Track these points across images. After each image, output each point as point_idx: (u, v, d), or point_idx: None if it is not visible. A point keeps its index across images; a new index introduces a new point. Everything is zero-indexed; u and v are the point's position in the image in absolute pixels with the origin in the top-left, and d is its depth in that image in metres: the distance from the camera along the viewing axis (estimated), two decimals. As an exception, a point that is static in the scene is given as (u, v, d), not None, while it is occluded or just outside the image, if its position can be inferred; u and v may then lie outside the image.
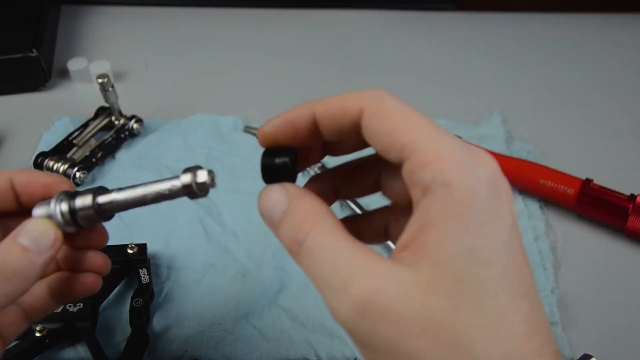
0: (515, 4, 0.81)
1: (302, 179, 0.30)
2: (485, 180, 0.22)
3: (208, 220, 0.51)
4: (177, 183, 0.27)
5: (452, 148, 0.22)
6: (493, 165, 0.23)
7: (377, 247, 0.48)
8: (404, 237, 0.23)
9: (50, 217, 0.29)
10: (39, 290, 0.32)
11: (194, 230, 0.50)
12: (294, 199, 0.25)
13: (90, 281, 0.32)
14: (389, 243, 0.52)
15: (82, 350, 0.41)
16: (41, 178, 0.30)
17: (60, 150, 0.54)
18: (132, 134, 0.58)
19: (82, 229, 0.30)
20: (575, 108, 0.66)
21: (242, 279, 0.46)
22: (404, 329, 0.21)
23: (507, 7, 0.81)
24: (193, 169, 0.27)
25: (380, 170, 0.29)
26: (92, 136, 0.56)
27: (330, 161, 0.50)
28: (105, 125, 0.57)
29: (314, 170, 0.53)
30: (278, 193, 0.25)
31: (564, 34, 0.77)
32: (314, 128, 0.26)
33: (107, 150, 0.56)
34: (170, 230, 0.50)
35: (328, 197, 0.30)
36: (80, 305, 0.41)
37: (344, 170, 0.30)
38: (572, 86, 0.69)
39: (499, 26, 0.79)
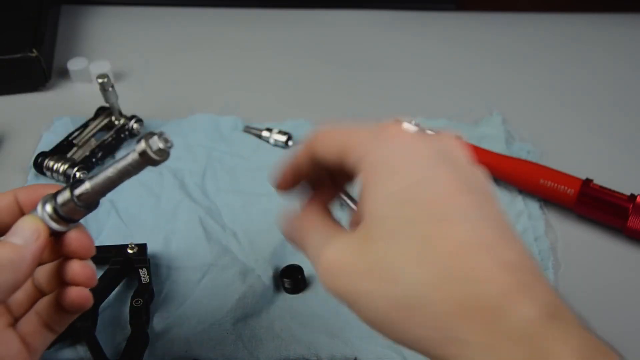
0: (515, 4, 0.81)
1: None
2: (389, 140, 0.27)
3: (208, 220, 0.51)
4: (134, 154, 0.28)
5: (364, 133, 0.28)
6: (395, 129, 0.27)
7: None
8: (355, 214, 0.29)
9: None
10: (51, 300, 0.33)
11: (194, 230, 0.50)
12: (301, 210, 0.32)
13: (74, 295, 0.32)
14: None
15: (82, 350, 0.41)
16: (40, 189, 0.32)
17: (60, 150, 0.54)
18: (132, 134, 0.58)
19: (72, 228, 0.31)
20: (575, 108, 0.66)
21: (242, 279, 0.46)
22: (355, 277, 0.25)
23: (507, 7, 0.81)
24: (146, 136, 0.28)
25: None
26: (92, 136, 0.56)
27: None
28: (105, 125, 0.57)
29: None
30: (292, 219, 0.32)
31: (564, 34, 0.77)
32: (315, 164, 0.31)
33: (107, 150, 0.56)
34: (170, 230, 0.50)
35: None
36: (80, 305, 0.41)
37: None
38: (572, 86, 0.69)
39: (499, 26, 0.78)
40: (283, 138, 0.57)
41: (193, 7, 0.80)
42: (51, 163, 0.52)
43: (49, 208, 0.30)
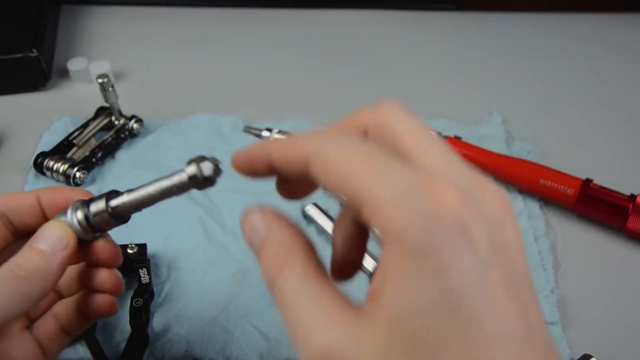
0: (515, 4, 0.81)
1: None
2: (443, 220, 0.20)
3: (208, 220, 0.51)
4: (183, 176, 0.27)
5: (399, 190, 0.20)
6: (454, 198, 0.20)
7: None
8: (372, 284, 0.21)
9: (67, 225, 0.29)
10: (70, 304, 0.33)
11: (194, 230, 0.50)
12: (270, 228, 0.24)
13: (101, 302, 0.32)
14: None
15: (82, 350, 0.41)
16: (65, 192, 0.32)
17: (60, 150, 0.54)
18: (132, 134, 0.58)
19: (99, 237, 0.30)
20: (575, 108, 0.66)
21: (242, 279, 0.46)
22: None
23: (507, 7, 0.81)
24: (197, 160, 0.27)
25: None
26: (92, 136, 0.56)
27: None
28: (105, 125, 0.57)
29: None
30: (257, 219, 0.25)
31: (564, 34, 0.77)
32: (272, 169, 0.26)
33: (107, 150, 0.56)
34: (170, 230, 0.50)
35: (357, 239, 0.28)
36: (80, 305, 0.41)
37: None
38: (572, 86, 0.69)
39: (499, 26, 0.79)
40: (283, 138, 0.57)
41: (193, 7, 0.80)
42: (51, 163, 0.52)
43: (80, 215, 0.29)
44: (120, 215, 0.29)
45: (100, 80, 0.54)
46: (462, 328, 0.19)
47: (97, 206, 0.29)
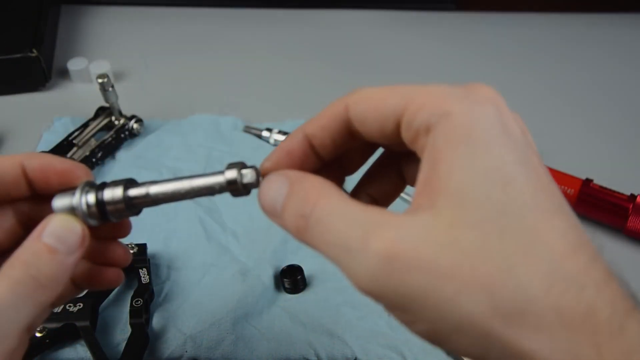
0: (515, 4, 0.81)
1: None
2: (483, 102, 0.21)
3: (208, 220, 0.51)
4: (220, 178, 0.26)
5: (440, 87, 0.22)
6: (488, 89, 0.23)
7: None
8: (418, 186, 0.22)
9: (73, 209, 0.27)
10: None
11: (194, 230, 0.50)
12: (295, 182, 0.24)
13: (113, 275, 0.31)
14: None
15: (82, 350, 0.41)
16: (58, 165, 0.28)
17: (60, 150, 0.54)
18: (132, 134, 0.58)
19: (106, 222, 0.28)
20: (575, 108, 0.66)
21: (242, 279, 0.46)
22: (436, 275, 0.19)
23: (507, 7, 0.81)
24: (238, 165, 0.26)
25: (398, 163, 0.28)
26: (92, 136, 0.56)
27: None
28: (105, 125, 0.57)
29: None
30: (278, 181, 0.24)
31: (564, 34, 0.77)
32: (310, 151, 0.26)
33: (107, 150, 0.56)
34: (170, 230, 0.50)
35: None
36: (80, 305, 0.41)
37: (370, 178, 0.29)
38: (572, 86, 0.69)
39: (499, 26, 0.79)
40: (283, 138, 0.57)
41: (193, 7, 0.80)
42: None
43: (91, 200, 0.26)
44: (135, 207, 0.27)
45: (100, 80, 0.54)
46: (520, 198, 0.20)
47: (113, 194, 0.27)
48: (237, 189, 0.26)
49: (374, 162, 0.29)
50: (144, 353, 0.41)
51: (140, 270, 0.44)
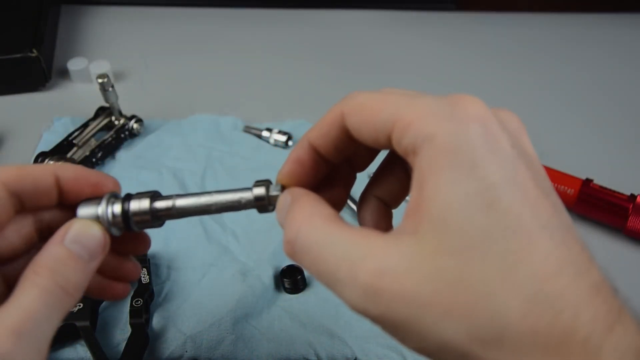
0: (515, 4, 0.81)
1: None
2: (468, 121, 0.21)
3: (208, 220, 0.51)
4: (248, 194, 0.27)
5: (426, 104, 0.22)
6: (475, 105, 0.22)
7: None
8: (408, 207, 0.22)
9: (97, 218, 0.27)
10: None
11: (194, 230, 0.50)
12: (293, 202, 0.25)
13: (121, 289, 0.32)
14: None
15: (82, 350, 0.41)
16: (91, 176, 0.29)
17: (60, 150, 0.54)
18: (132, 134, 0.58)
19: (127, 233, 0.29)
20: (575, 108, 0.66)
21: (242, 279, 0.46)
22: (417, 304, 0.20)
23: (507, 7, 0.81)
24: (266, 183, 0.27)
25: (404, 163, 0.28)
26: (92, 136, 0.56)
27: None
28: (105, 125, 0.57)
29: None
30: (285, 197, 0.26)
31: (564, 34, 0.77)
32: (318, 157, 0.27)
33: (107, 150, 0.56)
34: (170, 230, 0.50)
35: (384, 214, 0.29)
36: (80, 305, 0.41)
37: (377, 181, 0.30)
38: (572, 86, 0.69)
39: (499, 26, 0.79)
40: (283, 138, 0.57)
41: (193, 7, 0.80)
42: (51, 163, 0.52)
43: (117, 210, 0.27)
44: (160, 219, 0.28)
45: (100, 80, 0.54)
46: (503, 220, 0.20)
47: (140, 205, 0.27)
48: (263, 205, 0.27)
49: (381, 164, 0.29)
50: (144, 353, 0.41)
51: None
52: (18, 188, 0.28)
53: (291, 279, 0.45)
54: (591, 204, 0.51)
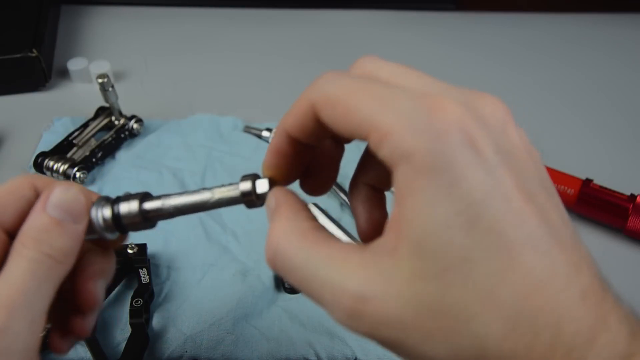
0: (515, 4, 0.81)
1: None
2: (447, 133, 0.20)
3: (208, 220, 0.51)
4: (235, 190, 0.26)
5: (402, 111, 0.20)
6: (454, 111, 0.20)
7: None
8: (390, 218, 0.21)
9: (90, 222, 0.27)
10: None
11: (193, 230, 0.50)
12: (274, 210, 0.25)
13: (85, 324, 0.30)
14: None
15: (82, 350, 0.41)
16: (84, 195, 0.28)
17: (60, 150, 0.54)
18: (132, 134, 0.58)
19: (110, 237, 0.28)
20: (575, 108, 0.66)
21: (242, 279, 0.46)
22: (400, 328, 0.20)
23: (507, 7, 0.81)
24: (252, 177, 0.26)
25: None
26: (92, 136, 0.56)
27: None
28: (105, 125, 0.57)
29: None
30: (270, 199, 0.26)
31: (564, 34, 0.77)
32: (298, 144, 0.26)
33: (107, 150, 0.56)
34: (170, 230, 0.50)
35: (377, 201, 0.28)
36: (80, 305, 0.41)
37: (364, 167, 0.29)
38: (572, 86, 0.69)
39: (498, 26, 0.79)
40: (283, 138, 0.57)
41: (193, 7, 0.80)
42: (51, 163, 0.52)
43: (107, 213, 0.27)
44: (150, 220, 0.28)
45: (100, 80, 0.54)
46: (485, 239, 0.19)
47: (130, 207, 0.27)
48: (251, 200, 0.26)
49: (365, 149, 0.28)
50: (144, 353, 0.41)
51: (140, 270, 0.44)
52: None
53: None
54: (591, 204, 0.51)
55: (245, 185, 0.26)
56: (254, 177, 0.27)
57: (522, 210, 0.20)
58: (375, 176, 0.28)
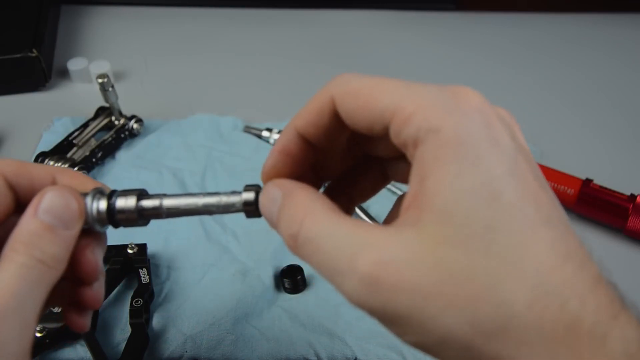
0: (515, 4, 0.81)
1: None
2: (471, 114, 0.21)
3: (208, 220, 0.51)
4: (236, 199, 0.26)
5: (428, 94, 0.22)
6: (476, 97, 0.22)
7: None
8: (406, 199, 0.22)
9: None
10: None
11: (194, 230, 0.50)
12: (286, 195, 0.24)
13: (79, 322, 0.30)
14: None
15: (82, 350, 0.41)
16: (88, 185, 0.28)
17: (60, 150, 0.54)
18: (132, 134, 0.58)
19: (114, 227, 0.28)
20: (575, 108, 0.66)
21: (242, 279, 0.46)
22: (420, 295, 0.20)
23: (507, 7, 0.81)
24: (255, 188, 0.26)
25: (381, 163, 0.29)
26: (92, 136, 0.56)
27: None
28: (105, 125, 0.57)
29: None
30: (273, 192, 0.25)
31: (564, 34, 0.77)
32: (306, 145, 0.26)
33: (107, 150, 0.56)
34: (170, 230, 0.50)
35: (346, 207, 0.29)
36: (80, 305, 0.41)
37: (349, 178, 0.30)
38: (572, 86, 0.69)
39: (498, 26, 0.79)
40: (283, 138, 0.57)
41: (193, 7, 0.80)
42: (51, 163, 0.52)
43: (103, 206, 0.27)
44: (145, 218, 0.28)
45: (100, 80, 0.54)
46: (507, 212, 0.20)
47: (127, 203, 0.27)
48: (252, 210, 0.26)
49: (353, 165, 0.29)
50: (144, 353, 0.41)
51: (140, 270, 0.44)
52: (15, 182, 0.27)
53: (291, 279, 0.45)
54: (591, 204, 0.51)
55: (249, 195, 0.26)
56: (257, 189, 0.27)
57: (538, 194, 0.21)
58: (359, 186, 0.29)
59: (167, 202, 0.27)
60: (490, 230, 0.20)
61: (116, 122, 0.57)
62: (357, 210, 0.51)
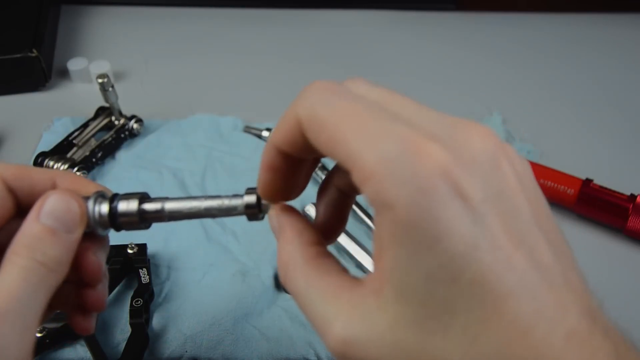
0: (515, 4, 0.81)
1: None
2: (433, 181, 0.19)
3: (208, 220, 0.51)
4: (238, 202, 0.26)
5: (387, 156, 0.19)
6: (438, 158, 0.19)
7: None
8: (373, 251, 0.21)
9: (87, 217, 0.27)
10: None
11: (194, 230, 0.50)
12: (278, 230, 0.26)
13: (84, 325, 0.30)
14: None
15: (82, 350, 0.41)
16: (88, 186, 0.29)
17: (60, 150, 0.54)
18: (132, 134, 0.58)
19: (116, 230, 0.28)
20: (575, 108, 0.66)
21: (242, 279, 0.46)
22: None
23: (507, 7, 0.81)
24: (256, 191, 0.26)
25: None
26: (92, 136, 0.56)
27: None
28: (105, 125, 0.57)
29: (319, 177, 0.53)
30: (272, 221, 0.27)
31: (563, 34, 0.77)
32: (290, 159, 0.25)
33: (107, 150, 0.56)
34: (170, 230, 0.50)
35: (341, 205, 0.28)
36: (80, 305, 0.41)
37: (341, 171, 0.29)
38: (572, 86, 0.69)
39: (498, 26, 0.79)
40: (283, 138, 0.57)
41: (193, 7, 0.80)
42: (51, 163, 0.52)
43: (104, 209, 0.27)
44: (147, 221, 0.28)
45: (100, 80, 0.54)
46: (467, 290, 0.19)
47: (129, 206, 0.27)
48: (254, 213, 0.27)
49: None
50: (144, 353, 0.41)
51: (140, 270, 0.44)
52: (16, 186, 0.28)
53: None
54: (591, 204, 0.51)
55: (251, 199, 0.26)
56: (257, 191, 0.27)
57: (510, 257, 0.19)
58: (349, 183, 0.27)
59: (169, 206, 0.27)
60: (448, 312, 0.19)
61: (116, 122, 0.57)
62: (356, 208, 0.51)
